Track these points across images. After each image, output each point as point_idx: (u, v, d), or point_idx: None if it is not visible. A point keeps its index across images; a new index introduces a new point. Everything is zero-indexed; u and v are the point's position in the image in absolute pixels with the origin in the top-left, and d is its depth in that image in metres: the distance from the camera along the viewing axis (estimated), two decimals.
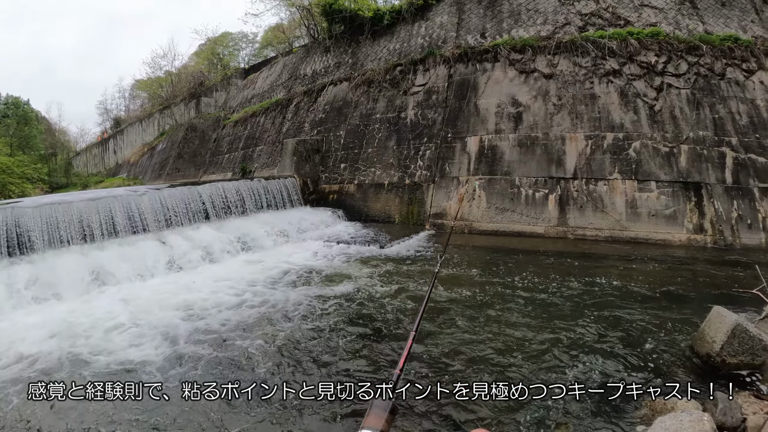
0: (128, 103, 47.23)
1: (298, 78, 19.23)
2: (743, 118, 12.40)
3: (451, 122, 13.82)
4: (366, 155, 14.78)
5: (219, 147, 22.65)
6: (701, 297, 7.47)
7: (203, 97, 26.97)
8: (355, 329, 6.35)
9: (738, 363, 4.62)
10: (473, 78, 14.04)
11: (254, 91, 22.57)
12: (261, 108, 19.77)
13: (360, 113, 15.41)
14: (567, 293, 7.73)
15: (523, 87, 13.50)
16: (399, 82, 14.98)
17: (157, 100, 33.20)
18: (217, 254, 10.18)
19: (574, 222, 11.96)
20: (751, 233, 11.31)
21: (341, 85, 16.44)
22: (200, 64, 31.03)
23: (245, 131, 20.47)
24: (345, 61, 17.31)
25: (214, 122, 23.85)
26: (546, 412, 4.22)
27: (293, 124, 17.48)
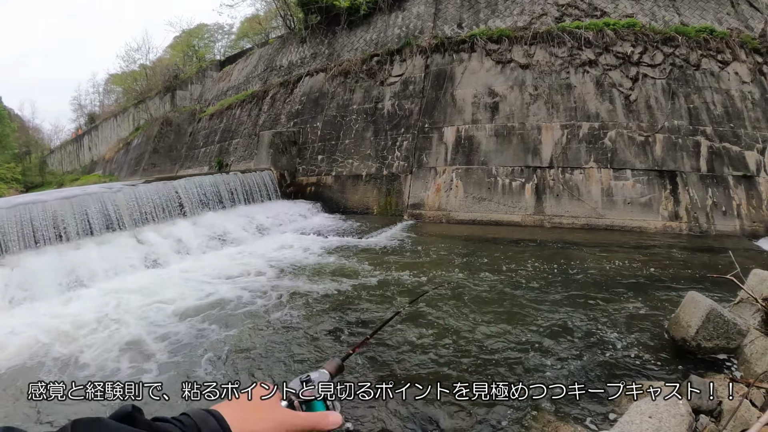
0: (102, 98, 46.17)
1: (275, 69, 18.93)
2: (718, 108, 12.58)
3: (428, 112, 13.73)
4: (343, 146, 14.61)
5: (195, 141, 22.22)
6: (676, 282, 7.55)
7: (178, 91, 26.40)
8: (334, 322, 6.25)
9: (713, 347, 4.66)
10: (450, 68, 13.97)
11: (230, 84, 22.17)
12: (237, 100, 19.41)
13: (337, 104, 15.23)
14: (543, 281, 7.73)
15: (500, 77, 13.48)
16: (376, 72, 14.84)
17: (132, 94, 32.40)
18: (194, 250, 10.01)
19: (551, 210, 12.00)
20: (726, 220, 11.48)
21: (318, 76, 16.22)
22: (175, 56, 30.37)
23: (221, 124, 20.10)
24: (321, 51, 17.08)
25: (190, 116, 23.38)
26: (523, 397, 4.18)
27: (269, 116, 17.21)
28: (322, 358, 5.22)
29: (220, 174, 14.22)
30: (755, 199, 11.79)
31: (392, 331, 5.80)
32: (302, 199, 14.86)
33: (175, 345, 5.75)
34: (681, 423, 2.75)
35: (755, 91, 12.94)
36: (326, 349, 5.49)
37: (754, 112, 12.69)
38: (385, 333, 5.72)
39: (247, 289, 7.59)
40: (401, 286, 7.58)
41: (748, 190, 11.88)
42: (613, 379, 4.48)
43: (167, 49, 32.51)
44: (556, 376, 4.58)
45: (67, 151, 48.32)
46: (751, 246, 10.45)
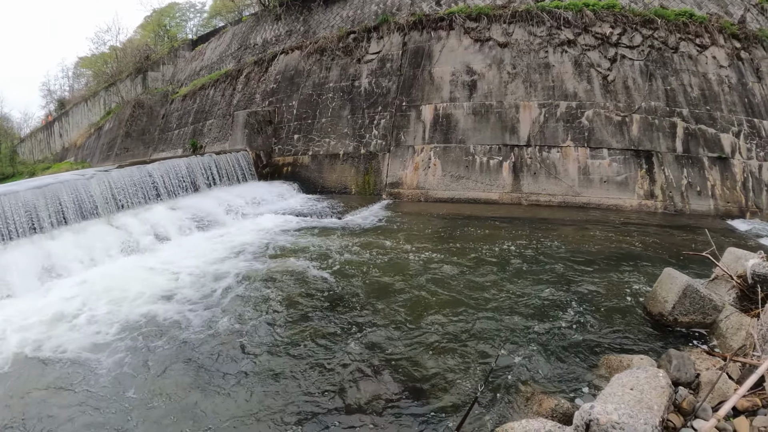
0: (72, 82, 44.61)
1: (249, 48, 18.44)
2: (695, 91, 12.68)
3: (405, 90, 13.52)
4: (320, 125, 14.32)
5: (168, 123, 21.61)
6: (652, 259, 7.63)
7: (150, 72, 25.59)
8: (318, 302, 6.15)
9: (689, 321, 4.81)
10: (428, 46, 13.76)
11: (203, 63, 21.57)
12: (210, 80, 18.88)
13: (313, 82, 14.90)
14: (521, 258, 7.73)
15: (478, 55, 13.33)
16: (352, 50, 14.54)
17: (102, 77, 31.33)
18: (172, 234, 9.77)
19: (528, 188, 11.97)
20: (701, 200, 11.60)
21: (293, 53, 15.83)
22: (146, 37, 29.43)
23: (194, 105, 19.56)
24: (297, 29, 16.68)
25: (162, 97, 22.71)
26: (507, 373, 4.26)
27: (244, 95, 16.77)
28: (310, 344, 5.11)
29: (195, 156, 13.82)
30: (729, 180, 11.93)
31: (375, 313, 5.73)
32: (279, 180, 14.54)
33: (162, 330, 5.60)
34: (661, 394, 2.80)
35: (732, 75, 13.07)
36: (312, 330, 5.37)
37: (730, 95, 12.83)
38: (371, 314, 5.70)
39: (226, 272, 7.37)
40: (381, 265, 7.49)
41: (723, 172, 12.01)
42: (593, 352, 4.58)
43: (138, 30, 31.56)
44: (537, 351, 4.65)
45: (37, 140, 46.61)
46: (725, 226, 10.59)
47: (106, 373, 4.65)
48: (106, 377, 4.58)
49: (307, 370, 4.53)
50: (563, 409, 3.48)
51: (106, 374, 4.64)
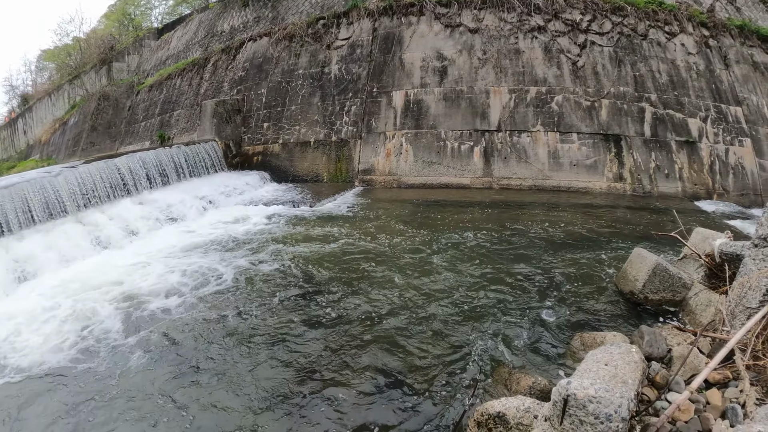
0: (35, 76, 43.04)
1: (216, 35, 17.99)
2: (663, 77, 12.88)
3: (376, 77, 13.37)
4: (290, 113, 14.05)
5: (134, 115, 20.98)
6: (622, 240, 7.76)
7: (115, 63, 24.77)
8: (291, 291, 6.06)
9: (660, 299, 4.94)
10: (398, 31, 13.62)
11: (169, 52, 20.97)
12: (177, 69, 18.35)
13: (282, 69, 14.60)
14: (493, 241, 7.75)
15: (449, 41, 13.26)
16: (322, 36, 14.30)
17: (66, 70, 30.24)
18: (142, 229, 9.52)
19: (499, 173, 11.99)
20: (669, 182, 11.78)
21: (261, 40, 15.48)
22: (110, 26, 28.48)
23: (161, 96, 19.01)
24: (265, 15, 16.33)
25: (128, 89, 22.02)
26: (484, 355, 4.30)
27: (211, 84, 16.35)
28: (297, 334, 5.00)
29: (163, 148, 13.39)
30: (697, 163, 12.16)
31: (349, 301, 5.67)
32: (249, 170, 14.24)
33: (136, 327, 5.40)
34: (635, 369, 2.83)
35: (700, 62, 13.32)
36: (286, 319, 5.27)
37: (698, 82, 13.07)
38: (346, 301, 5.64)
39: (197, 267, 7.12)
40: (354, 252, 7.41)
41: (690, 155, 12.23)
42: (567, 331, 4.68)
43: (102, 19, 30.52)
44: (513, 332, 4.67)
45: (0, 138, 44.99)
46: (693, 207, 10.80)
47: (81, 374, 4.47)
48: (83, 377, 4.41)
49: (282, 358, 4.48)
50: (541, 386, 3.55)
51: (82, 375, 4.46)
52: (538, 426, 2.63)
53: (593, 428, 2.30)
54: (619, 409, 2.30)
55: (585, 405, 2.32)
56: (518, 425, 2.88)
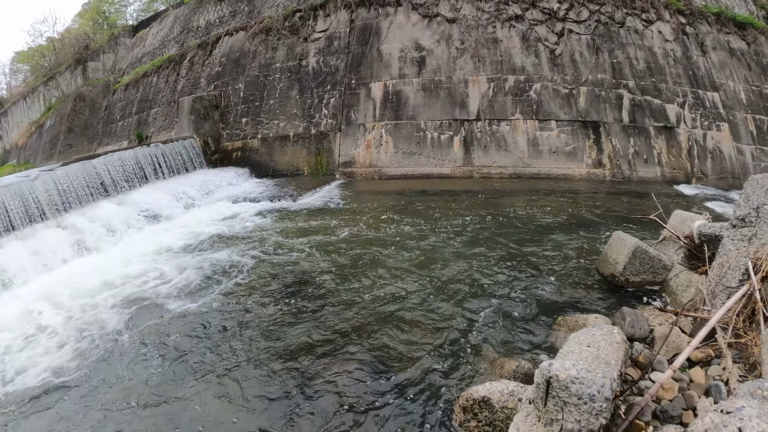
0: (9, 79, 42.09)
1: (192, 31, 17.67)
2: (640, 64, 12.96)
3: (354, 68, 13.24)
4: (268, 107, 13.86)
5: (111, 115, 20.58)
6: (602, 224, 7.86)
7: (90, 62, 24.24)
8: (277, 285, 6.00)
9: (641, 281, 5.01)
10: (376, 23, 13.51)
11: (145, 50, 20.58)
12: (153, 67, 18.01)
13: (259, 63, 14.40)
14: (475, 229, 7.78)
15: (426, 31, 13.19)
16: (299, 28, 14.12)
17: (41, 71, 29.55)
18: (122, 230, 9.35)
19: (479, 161, 11.97)
20: (648, 167, 11.86)
21: (237, 35, 15.25)
22: (84, 25, 27.85)
23: (137, 94, 18.65)
24: (241, 9, 16.08)
25: (104, 88, 21.57)
26: (469, 340, 4.32)
27: (188, 80, 16.07)
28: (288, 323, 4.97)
29: (141, 147, 13.18)
30: (675, 148, 12.25)
31: (335, 291, 5.66)
32: (229, 166, 14.04)
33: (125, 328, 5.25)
34: (617, 350, 2.85)
35: (677, 49, 13.42)
36: (275, 311, 5.24)
37: (675, 68, 13.18)
38: (331, 292, 5.63)
39: (181, 267, 6.97)
40: (337, 244, 7.37)
41: (669, 140, 12.33)
42: (550, 314, 4.72)
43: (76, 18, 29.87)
44: (496, 317, 4.69)
45: None
46: (672, 191, 10.90)
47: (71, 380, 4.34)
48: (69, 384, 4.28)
49: (272, 348, 4.46)
50: (524, 369, 3.58)
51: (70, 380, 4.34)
52: (522, 409, 2.64)
53: (577, 409, 2.30)
54: (602, 389, 2.30)
55: (568, 386, 2.31)
56: (503, 409, 2.91)
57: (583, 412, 2.29)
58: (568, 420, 2.31)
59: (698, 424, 2.06)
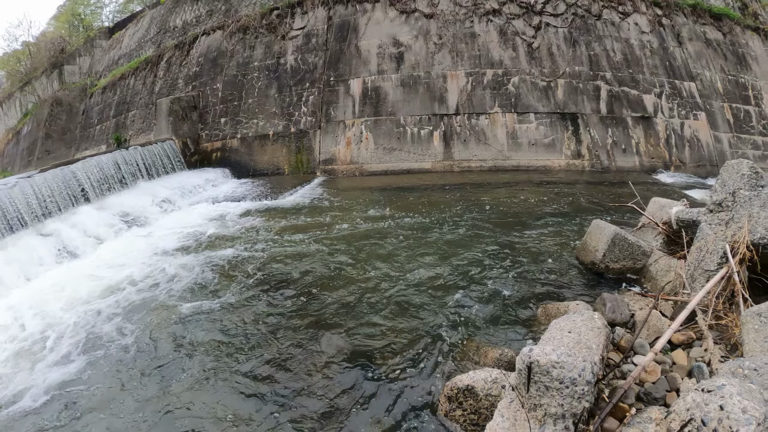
0: None
1: (168, 31, 17.45)
2: (617, 55, 13.06)
3: (332, 65, 13.17)
4: (247, 106, 13.73)
5: (89, 119, 20.27)
6: (582, 213, 7.91)
7: (66, 66, 23.79)
8: (261, 285, 5.87)
9: (621, 267, 5.06)
10: (353, 19, 13.45)
11: (121, 51, 20.28)
12: (130, 69, 17.74)
13: (237, 63, 14.26)
14: (456, 222, 7.80)
15: (404, 27, 13.17)
16: (276, 26, 14.01)
17: (17, 77, 29.01)
18: (104, 235, 9.11)
19: (459, 155, 11.97)
20: (626, 157, 11.95)
21: (215, 34, 15.09)
22: (60, 28, 27.30)
23: (115, 97, 18.38)
24: (218, 8, 15.92)
25: (81, 92, 21.23)
26: (452, 331, 4.32)
27: (166, 81, 15.87)
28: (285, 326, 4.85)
29: (120, 151, 12.98)
30: (653, 137, 12.37)
31: (317, 287, 5.61)
32: (209, 167, 13.86)
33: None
34: (599, 335, 2.87)
35: (654, 40, 13.56)
36: (259, 312, 5.13)
37: (652, 59, 13.30)
38: (314, 288, 5.56)
39: (164, 271, 6.81)
40: (320, 241, 7.29)
41: (647, 130, 12.44)
42: (531, 303, 4.74)
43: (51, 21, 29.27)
44: (479, 308, 4.72)
45: None
46: (651, 179, 11.02)
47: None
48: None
49: (254, 349, 4.41)
50: (507, 357, 3.61)
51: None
52: (506, 395, 2.65)
53: (559, 393, 2.31)
54: (583, 372, 2.31)
55: (549, 371, 2.33)
56: (487, 396, 2.93)
57: (565, 396, 2.30)
58: (551, 404, 2.32)
59: (680, 403, 2.08)
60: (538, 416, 2.37)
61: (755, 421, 1.78)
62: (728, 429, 1.80)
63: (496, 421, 2.49)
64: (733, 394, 1.90)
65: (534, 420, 2.38)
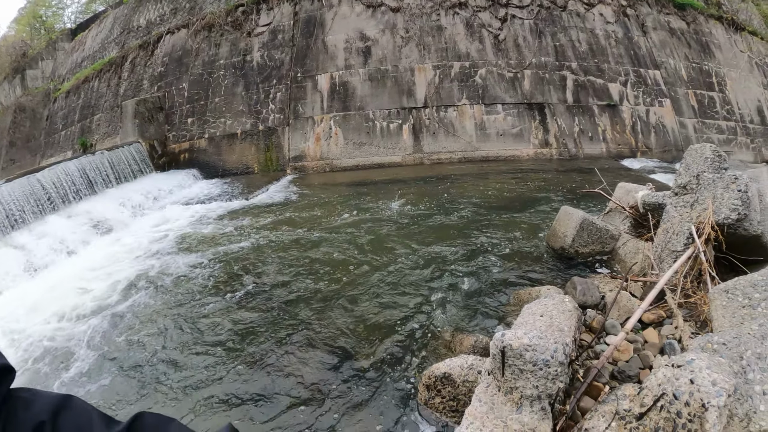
0: None
1: (132, 31, 17.06)
2: (583, 46, 13.18)
3: (300, 61, 13.03)
4: (214, 106, 13.50)
5: (53, 124, 19.71)
6: (550, 200, 7.99)
7: (28, 70, 23.08)
8: (234, 285, 5.77)
9: (590, 251, 5.18)
10: (320, 14, 13.34)
11: (84, 53, 19.76)
12: (93, 71, 17.28)
13: (202, 61, 14.01)
14: (428, 213, 7.82)
15: (371, 21, 13.10)
16: (242, 23, 13.81)
17: None
18: (74, 245, 8.85)
19: (429, 148, 11.96)
20: (593, 144, 12.08)
21: (179, 32, 14.80)
22: (21, 31, 26.48)
23: (79, 101, 17.89)
24: (182, 6, 15.61)
25: (45, 97, 20.62)
26: (427, 321, 4.34)
27: (131, 83, 15.50)
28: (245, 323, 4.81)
29: (86, 156, 12.66)
30: (619, 124, 12.53)
31: (292, 283, 5.55)
32: (177, 169, 13.58)
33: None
34: (570, 317, 2.93)
35: (619, 30, 13.74)
36: (232, 314, 5.00)
37: (617, 49, 13.47)
38: (286, 288, 5.48)
39: (137, 278, 6.60)
40: (292, 239, 7.21)
41: (613, 117, 12.59)
42: (504, 290, 4.77)
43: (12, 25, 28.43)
44: (452, 297, 4.76)
45: None
46: (617, 165, 11.14)
47: None
48: None
49: (231, 349, 4.32)
50: (482, 343, 3.66)
51: None
52: (483, 381, 2.70)
53: (533, 375, 2.36)
54: (555, 353, 2.36)
55: (522, 354, 2.37)
56: (464, 383, 2.98)
57: (539, 378, 2.35)
58: (527, 387, 2.37)
59: (652, 379, 2.12)
60: (515, 399, 2.42)
61: (725, 393, 1.83)
62: (699, 401, 1.84)
63: (474, 406, 2.51)
64: (703, 367, 1.96)
65: (511, 403, 2.43)
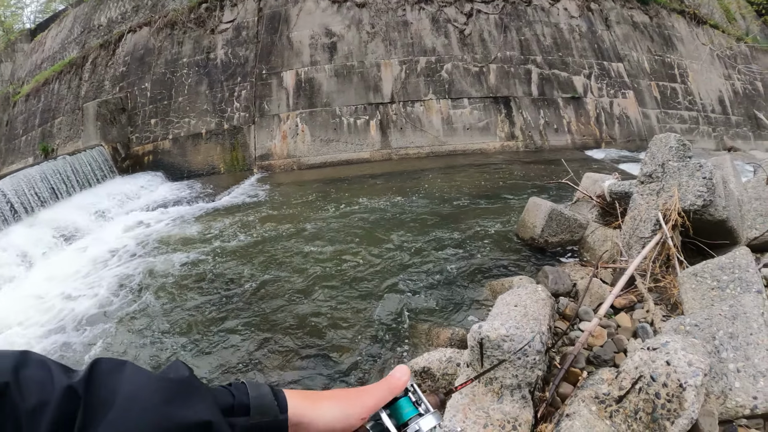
0: None
1: (93, 30, 16.57)
2: (548, 40, 13.31)
3: (264, 58, 12.85)
4: (177, 105, 13.21)
5: (13, 130, 19.05)
6: (518, 192, 8.05)
7: None
8: (206, 287, 5.70)
9: (560, 241, 5.28)
10: (284, 10, 13.17)
11: (44, 54, 19.15)
12: (53, 72, 16.75)
13: (165, 60, 13.69)
14: (397, 208, 7.82)
15: (336, 17, 12.99)
16: (205, 20, 13.55)
17: None
18: (37, 256, 8.59)
19: (396, 143, 11.93)
20: (558, 136, 12.20)
21: (141, 31, 14.44)
22: None
23: (39, 104, 17.33)
24: (144, 3, 15.22)
25: (3, 101, 19.94)
26: (403, 317, 4.35)
27: (92, 84, 15.07)
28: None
29: (47, 162, 12.34)
30: (584, 116, 12.68)
31: (264, 284, 5.50)
32: (141, 172, 13.23)
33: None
34: (544, 306, 2.98)
35: (583, 24, 13.91)
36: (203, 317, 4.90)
37: (581, 42, 13.64)
38: (259, 288, 5.39)
39: (101, 286, 6.42)
40: (261, 240, 7.13)
41: (577, 109, 12.74)
42: (477, 282, 4.84)
43: None
44: (426, 292, 4.80)
45: None
46: (583, 156, 11.27)
47: None
48: None
49: (206, 353, 4.28)
50: (459, 336, 3.71)
51: None
52: (462, 373, 2.76)
53: (512, 365, 2.41)
54: (533, 342, 2.41)
55: (499, 344, 2.42)
56: (444, 376, 3.02)
57: (518, 367, 2.40)
58: (506, 376, 2.41)
59: (629, 363, 2.17)
60: (495, 389, 2.46)
61: (701, 372, 1.88)
62: (677, 382, 1.89)
63: (455, 398, 2.53)
64: (678, 349, 2.01)
65: (492, 393, 2.47)
